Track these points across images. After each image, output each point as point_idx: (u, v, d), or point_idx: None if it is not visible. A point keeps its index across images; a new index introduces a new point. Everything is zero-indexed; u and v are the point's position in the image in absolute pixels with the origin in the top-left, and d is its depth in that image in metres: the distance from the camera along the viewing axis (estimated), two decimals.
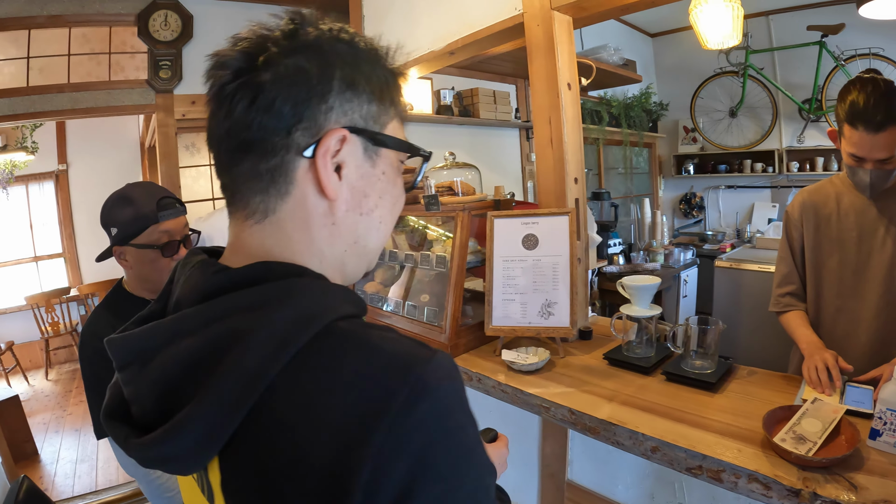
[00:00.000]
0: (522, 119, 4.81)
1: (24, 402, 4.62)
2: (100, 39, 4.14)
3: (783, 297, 2.11)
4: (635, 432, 1.51)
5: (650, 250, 4.83)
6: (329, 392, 0.55)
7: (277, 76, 0.64)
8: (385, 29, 3.18)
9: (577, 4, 2.18)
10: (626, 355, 1.98)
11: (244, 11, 4.34)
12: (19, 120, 4.09)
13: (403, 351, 0.59)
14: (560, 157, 2.25)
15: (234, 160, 0.67)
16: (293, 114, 0.65)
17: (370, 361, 0.57)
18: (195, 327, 0.60)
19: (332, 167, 0.68)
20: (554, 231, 2.13)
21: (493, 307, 2.16)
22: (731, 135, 6.12)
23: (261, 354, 0.56)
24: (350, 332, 0.61)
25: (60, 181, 7.28)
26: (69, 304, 6.68)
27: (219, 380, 0.56)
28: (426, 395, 0.55)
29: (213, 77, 0.67)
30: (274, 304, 0.60)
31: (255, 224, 0.68)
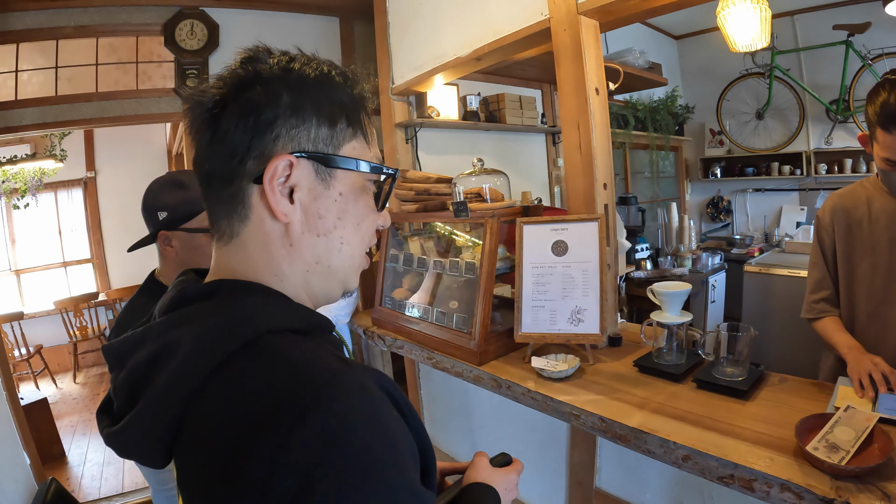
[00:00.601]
0: (549, 124, 4.79)
1: (52, 404, 4.70)
2: (127, 49, 4.20)
3: (817, 303, 2.07)
4: (666, 441, 1.49)
5: (678, 255, 4.77)
6: (231, 400, 0.59)
7: (229, 111, 0.70)
8: (410, 36, 3.18)
9: (603, 9, 2.17)
10: (657, 362, 1.96)
11: (268, 19, 4.39)
12: (48, 128, 4.16)
13: (312, 365, 0.61)
14: (589, 163, 2.23)
15: (204, 188, 0.75)
16: (244, 144, 0.70)
17: (274, 373, 0.60)
18: (154, 337, 0.68)
19: (280, 192, 0.71)
20: (583, 237, 2.11)
21: (523, 314, 2.14)
22: (758, 137, 6.03)
23: (185, 363, 0.63)
24: (272, 345, 0.64)
25: (89, 188, 7.42)
26: (97, 309, 6.78)
27: (155, 384, 0.64)
28: (321, 411, 0.55)
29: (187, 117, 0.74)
30: (206, 317, 0.66)
31: (223, 245, 0.75)
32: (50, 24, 3.92)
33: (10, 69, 3.95)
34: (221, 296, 0.70)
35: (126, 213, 7.49)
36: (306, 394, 0.56)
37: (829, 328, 2.00)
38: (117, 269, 7.62)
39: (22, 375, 6.18)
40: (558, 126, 4.92)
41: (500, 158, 4.44)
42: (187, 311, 0.69)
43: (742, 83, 5.89)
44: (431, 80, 3.11)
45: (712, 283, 4.86)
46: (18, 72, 3.97)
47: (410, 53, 3.19)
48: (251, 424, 0.56)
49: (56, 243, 7.49)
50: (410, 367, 3.34)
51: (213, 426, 0.59)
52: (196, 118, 0.73)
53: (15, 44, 3.95)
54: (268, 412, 0.55)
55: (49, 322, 6.80)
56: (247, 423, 0.56)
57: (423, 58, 3.07)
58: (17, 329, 5.97)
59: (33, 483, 2.68)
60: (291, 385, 0.58)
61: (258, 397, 0.58)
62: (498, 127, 4.28)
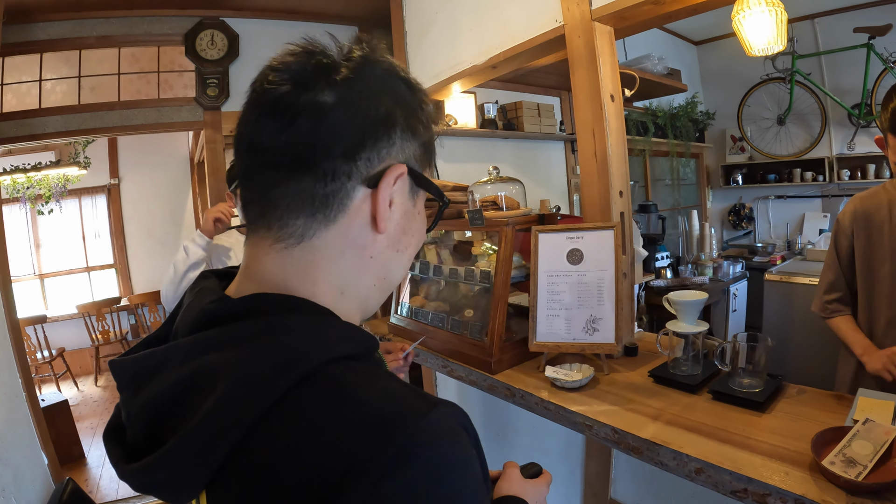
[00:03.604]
0: (567, 132, 4.77)
1: (72, 406, 4.77)
2: (149, 59, 4.28)
3: (830, 303, 2.10)
4: (679, 453, 1.46)
5: (698, 263, 4.73)
6: (306, 449, 0.51)
7: (348, 100, 0.63)
8: (427, 44, 3.20)
9: (618, 14, 2.16)
10: (673, 373, 1.92)
11: (288, 29, 4.43)
12: (71, 136, 4.26)
13: (393, 406, 0.54)
14: (604, 170, 2.21)
15: (278, 177, 0.64)
16: (359, 141, 0.64)
17: (354, 417, 0.53)
18: (182, 359, 0.59)
19: (388, 201, 0.67)
20: (599, 245, 2.09)
21: (538, 323, 2.13)
22: (779, 143, 5.96)
23: (231, 399, 0.53)
24: (338, 379, 0.57)
25: (112, 195, 7.55)
26: (119, 314, 6.87)
27: (196, 421, 0.54)
28: (414, 459, 0.50)
29: (270, 84, 0.64)
30: (252, 343, 0.57)
31: (283, 248, 0.65)
32: (73, 34, 4.01)
33: (34, 78, 4.04)
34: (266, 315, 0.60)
35: (149, 219, 7.62)
36: (391, 441, 0.50)
37: (844, 327, 2.02)
38: (140, 274, 7.75)
39: (44, 377, 6.28)
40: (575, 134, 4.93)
41: (519, 166, 4.43)
42: (222, 332, 0.59)
43: (763, 88, 5.83)
44: (449, 88, 3.12)
45: (733, 291, 4.80)
46: (42, 81, 4.06)
47: (427, 62, 3.21)
48: (327, 480, 0.49)
49: (80, 248, 7.62)
50: (427, 376, 3.34)
51: (274, 477, 0.51)
52: (290, 90, 0.63)
53: (39, 54, 4.05)
54: (347, 465, 0.49)
55: (72, 325, 6.93)
56: (321, 478, 0.49)
57: (440, 66, 3.08)
58: (39, 332, 6.07)
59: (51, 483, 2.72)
60: (371, 431, 0.51)
61: (332, 447, 0.51)
62: (516, 135, 4.28)
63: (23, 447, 2.56)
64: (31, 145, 4.57)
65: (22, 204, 6.45)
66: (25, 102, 4.00)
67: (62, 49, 4.08)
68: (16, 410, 2.56)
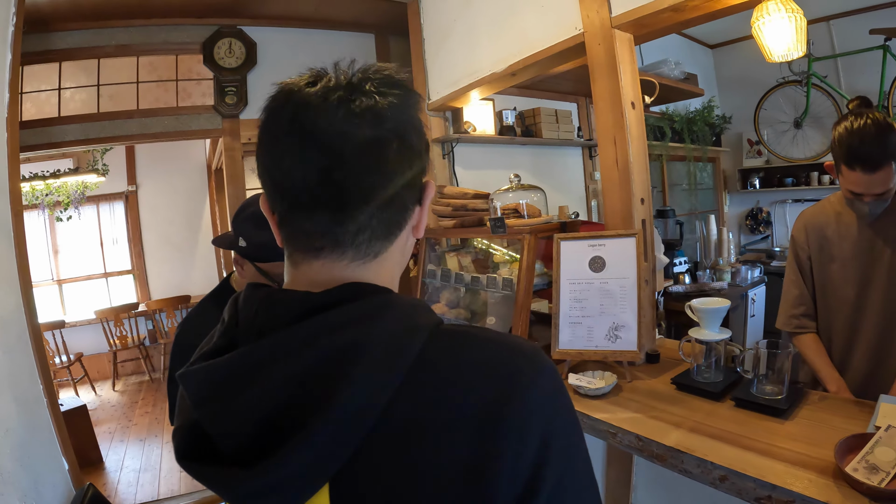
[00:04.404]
0: (585, 137, 4.77)
1: (91, 411, 4.78)
2: (167, 67, 4.31)
3: (796, 318, 2.14)
4: (703, 460, 1.46)
5: (716, 268, 4.69)
6: (456, 384, 0.60)
7: (410, 133, 0.69)
8: (445, 52, 3.21)
9: (637, 22, 2.16)
10: (695, 380, 1.92)
11: (305, 37, 4.46)
12: (90, 144, 4.29)
13: (510, 339, 0.67)
14: (626, 178, 2.22)
15: (359, 214, 0.67)
16: (420, 170, 0.73)
17: (486, 351, 0.64)
18: (297, 347, 0.59)
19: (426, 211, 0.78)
20: (621, 253, 2.10)
21: (560, 330, 2.13)
22: (796, 146, 5.91)
23: (381, 364, 0.58)
24: (455, 331, 0.67)
25: (130, 201, 7.61)
26: (137, 319, 6.92)
27: (340, 393, 0.56)
28: (546, 376, 0.63)
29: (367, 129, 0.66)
30: (381, 316, 0.62)
31: (361, 264, 0.70)
32: (91, 43, 4.04)
33: (52, 87, 4.07)
34: (373, 295, 0.66)
35: (166, 225, 7.68)
36: (526, 360, 0.63)
37: (812, 350, 2.09)
38: (157, 280, 7.81)
39: (62, 382, 6.32)
40: (594, 139, 4.92)
41: (537, 172, 4.44)
42: (338, 314, 0.62)
43: (779, 91, 5.78)
44: (467, 95, 3.13)
45: (752, 296, 4.75)
46: (61, 89, 4.08)
47: (446, 69, 3.22)
48: (490, 396, 0.60)
49: (98, 254, 7.69)
50: None
51: (422, 428, 0.59)
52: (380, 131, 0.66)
53: (57, 62, 4.07)
54: (501, 382, 0.61)
55: (90, 330, 6.96)
56: (484, 396, 0.59)
57: (459, 73, 3.09)
58: (58, 337, 6.11)
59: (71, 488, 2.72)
60: (508, 356, 0.64)
61: (482, 372, 0.62)
62: (534, 141, 4.29)
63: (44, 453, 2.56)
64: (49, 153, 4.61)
65: (41, 210, 6.51)
66: (44, 111, 4.02)
67: (81, 58, 4.10)
68: (37, 416, 2.57)
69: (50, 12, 3.73)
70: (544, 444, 0.59)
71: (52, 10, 3.70)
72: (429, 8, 3.40)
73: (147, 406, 6.09)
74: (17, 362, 2.48)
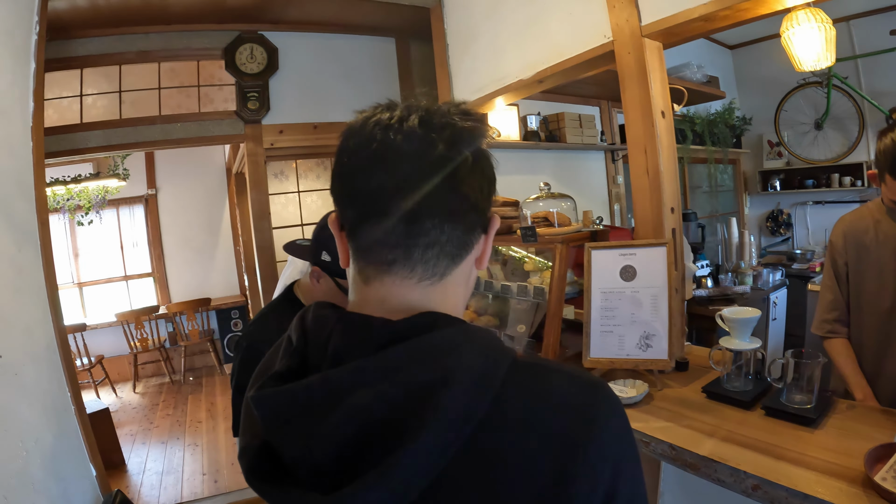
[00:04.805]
0: (608, 142, 4.76)
1: (112, 413, 4.81)
2: (188, 73, 4.34)
3: (828, 322, 2.15)
4: (737, 469, 1.47)
5: (738, 272, 4.65)
6: (535, 417, 0.63)
7: (482, 161, 0.73)
8: (470, 58, 3.21)
9: (668, 31, 2.17)
10: (725, 388, 1.92)
11: (326, 42, 4.48)
12: (113, 150, 4.32)
13: (583, 374, 0.70)
14: (657, 187, 2.21)
15: (431, 226, 0.70)
16: (488, 197, 0.75)
17: (563, 385, 0.66)
18: (379, 377, 0.60)
19: None
20: (651, 262, 2.09)
21: (592, 339, 2.13)
22: (816, 148, 5.86)
23: (468, 393, 0.60)
24: (531, 364, 0.69)
25: (150, 205, 7.66)
26: (157, 322, 6.97)
27: (428, 421, 0.57)
28: (617, 410, 0.66)
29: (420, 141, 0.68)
30: (462, 348, 0.63)
31: (428, 285, 0.73)
32: (112, 49, 4.06)
33: (74, 93, 4.09)
34: (450, 327, 0.67)
35: (186, 228, 7.72)
36: (604, 394, 0.67)
37: (841, 356, 2.10)
38: (177, 283, 7.85)
39: (83, 384, 6.34)
40: (617, 143, 4.90)
41: (560, 177, 4.44)
42: (421, 342, 0.64)
43: (800, 93, 5.75)
44: (493, 101, 3.13)
45: (773, 300, 4.70)
46: (83, 96, 4.11)
47: (471, 75, 3.22)
48: (572, 424, 0.63)
49: (118, 258, 7.74)
50: None
51: (503, 456, 0.61)
52: (459, 156, 0.69)
53: (79, 69, 4.10)
54: (583, 411, 0.64)
55: (110, 333, 7.02)
56: (561, 435, 0.62)
57: (484, 80, 3.09)
58: (79, 340, 6.16)
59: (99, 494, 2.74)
60: (589, 388, 0.67)
61: (565, 401, 0.65)
62: (558, 146, 4.30)
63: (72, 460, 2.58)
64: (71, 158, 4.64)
65: (62, 214, 6.56)
66: (66, 118, 4.06)
67: (102, 64, 4.14)
68: (65, 424, 2.58)
69: (70, 19, 3.76)
70: (615, 474, 0.63)
71: (73, 17, 3.73)
72: (452, 13, 3.39)
73: (168, 408, 6.13)
74: (45, 371, 2.50)
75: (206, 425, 5.52)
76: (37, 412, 2.37)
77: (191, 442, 5.11)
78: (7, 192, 2.38)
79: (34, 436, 2.31)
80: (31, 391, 2.35)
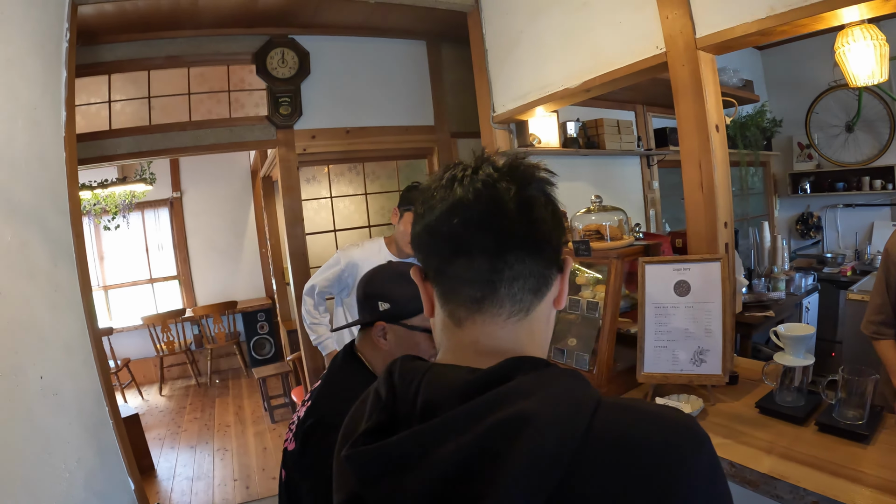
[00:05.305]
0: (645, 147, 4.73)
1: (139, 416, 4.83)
2: (218, 78, 4.32)
3: (874, 324, 2.28)
4: (797, 487, 1.46)
5: (771, 277, 4.60)
6: (623, 460, 0.61)
7: (552, 198, 0.78)
8: (511, 64, 3.18)
9: (723, 44, 2.15)
10: (778, 404, 1.91)
11: (357, 45, 4.46)
12: (143, 157, 4.29)
13: (670, 414, 0.68)
14: (711, 202, 2.19)
15: (513, 260, 0.74)
16: (560, 237, 0.79)
17: (651, 427, 0.65)
18: (468, 424, 0.62)
19: None
20: (706, 277, 2.08)
21: (646, 354, 2.12)
22: (847, 150, 5.80)
23: (554, 437, 0.59)
24: (617, 405, 0.68)
25: (175, 208, 7.71)
26: (183, 324, 7.02)
27: (513, 468, 0.58)
28: (706, 450, 0.65)
29: (494, 181, 0.74)
30: (548, 391, 0.64)
31: (516, 321, 0.76)
32: (140, 55, 4.05)
33: (102, 100, 4.08)
34: (536, 369, 0.69)
35: (210, 231, 7.75)
36: (694, 432, 0.66)
37: (887, 358, 2.24)
38: (203, 285, 7.90)
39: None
40: (653, 148, 4.87)
41: (597, 182, 4.42)
42: (507, 389, 0.65)
43: (831, 95, 5.69)
44: (533, 109, 3.11)
45: (805, 305, 4.67)
46: (111, 102, 4.10)
47: (512, 82, 3.20)
48: (653, 480, 0.61)
49: (143, 260, 7.81)
50: None
51: (601, 493, 0.61)
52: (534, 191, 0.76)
53: (106, 75, 4.09)
54: (675, 450, 0.63)
55: (136, 336, 7.09)
56: (652, 476, 0.61)
57: (527, 87, 3.07)
58: (105, 343, 6.17)
59: None
60: (680, 428, 0.66)
61: (655, 441, 0.64)
62: (597, 152, 4.29)
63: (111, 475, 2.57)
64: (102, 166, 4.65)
65: (88, 219, 6.59)
66: (95, 124, 4.04)
67: (130, 70, 4.12)
68: (104, 439, 2.57)
69: (98, 25, 3.74)
70: None
71: (100, 22, 3.72)
72: (492, 18, 3.36)
73: (195, 412, 6.16)
74: (84, 387, 2.49)
75: (234, 429, 5.54)
76: (77, 430, 2.36)
77: (220, 446, 5.13)
78: (42, 204, 2.36)
79: (76, 455, 2.31)
80: (70, 409, 2.34)
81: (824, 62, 5.67)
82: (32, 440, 2.12)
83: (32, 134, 2.31)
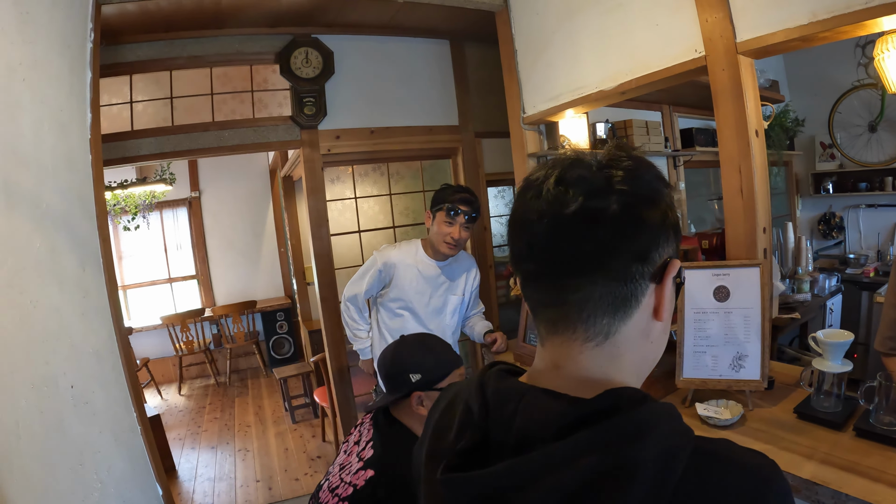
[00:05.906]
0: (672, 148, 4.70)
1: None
2: (241, 78, 4.30)
3: (890, 339, 2.12)
4: (838, 493, 1.46)
5: (796, 278, 4.56)
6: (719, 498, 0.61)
7: (636, 206, 0.69)
8: (543, 65, 3.16)
9: (763, 49, 2.14)
10: (816, 409, 1.90)
11: (380, 45, 4.45)
12: (166, 158, 4.28)
13: (756, 463, 0.65)
14: (751, 207, 2.18)
15: (581, 282, 0.70)
16: (651, 243, 0.70)
17: (741, 477, 0.63)
18: (567, 460, 0.60)
19: (670, 293, 0.74)
20: (745, 282, 2.07)
21: (685, 359, 2.11)
22: (870, 150, 5.74)
23: (646, 487, 0.58)
24: (710, 451, 0.65)
25: (193, 207, 7.74)
26: (203, 324, 7.05)
27: None
28: (787, 494, 0.64)
29: (562, 195, 0.69)
30: (646, 436, 0.61)
31: (595, 346, 0.72)
32: (162, 55, 4.02)
33: (124, 100, 4.07)
34: (629, 409, 0.65)
35: (229, 230, 7.76)
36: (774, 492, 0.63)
37: None
38: (221, 285, 7.93)
39: None
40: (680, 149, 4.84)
41: None
42: (605, 430, 0.63)
43: (854, 94, 5.64)
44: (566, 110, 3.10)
45: (829, 306, 4.64)
46: (133, 103, 4.09)
47: (544, 84, 3.18)
48: None
49: (162, 260, 7.84)
50: None
51: None
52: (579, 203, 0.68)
53: (128, 75, 4.07)
54: None
55: (154, 336, 7.12)
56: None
57: (559, 89, 3.05)
58: None
59: None
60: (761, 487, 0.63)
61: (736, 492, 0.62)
62: None
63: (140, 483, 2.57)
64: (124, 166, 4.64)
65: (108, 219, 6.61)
66: (116, 125, 4.02)
67: (152, 70, 4.11)
68: (133, 446, 2.57)
69: (119, 24, 3.72)
70: None
71: (122, 22, 3.69)
72: (521, 18, 3.33)
73: (215, 411, 6.18)
74: (114, 395, 2.48)
75: (255, 430, 5.55)
76: (107, 439, 2.36)
77: (241, 447, 5.14)
78: (70, 209, 2.34)
79: (107, 464, 2.31)
80: (101, 418, 2.33)
81: (847, 61, 5.66)
82: (65, 452, 2.13)
83: (59, 136, 2.29)
